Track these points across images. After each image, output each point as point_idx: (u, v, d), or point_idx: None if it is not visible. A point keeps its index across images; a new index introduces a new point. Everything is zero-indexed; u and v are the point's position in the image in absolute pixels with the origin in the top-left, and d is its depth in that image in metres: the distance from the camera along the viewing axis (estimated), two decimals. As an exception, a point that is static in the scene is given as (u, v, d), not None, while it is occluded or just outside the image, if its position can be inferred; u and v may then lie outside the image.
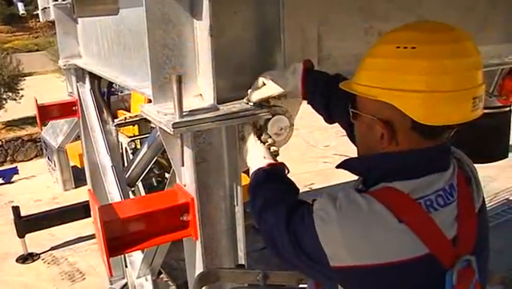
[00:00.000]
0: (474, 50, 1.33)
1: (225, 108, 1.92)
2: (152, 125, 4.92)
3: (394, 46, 1.31)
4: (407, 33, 1.34)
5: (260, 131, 1.97)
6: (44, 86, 16.16)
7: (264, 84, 1.93)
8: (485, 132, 3.96)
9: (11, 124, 12.58)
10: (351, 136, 1.68)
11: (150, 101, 2.03)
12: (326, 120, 1.91)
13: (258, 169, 1.78)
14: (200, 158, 2.02)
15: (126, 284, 4.71)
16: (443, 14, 2.32)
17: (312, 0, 2.17)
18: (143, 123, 7.16)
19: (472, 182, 1.49)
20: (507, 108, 4.24)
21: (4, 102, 12.83)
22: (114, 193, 3.96)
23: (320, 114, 1.91)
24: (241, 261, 2.22)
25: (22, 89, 13.00)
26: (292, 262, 1.49)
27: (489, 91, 3.98)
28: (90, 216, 2.54)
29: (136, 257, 3.66)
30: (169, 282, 5.77)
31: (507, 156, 4.68)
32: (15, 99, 12.84)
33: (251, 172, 1.82)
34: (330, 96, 1.81)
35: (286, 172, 1.82)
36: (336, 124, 1.88)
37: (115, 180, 4.03)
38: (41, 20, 4.76)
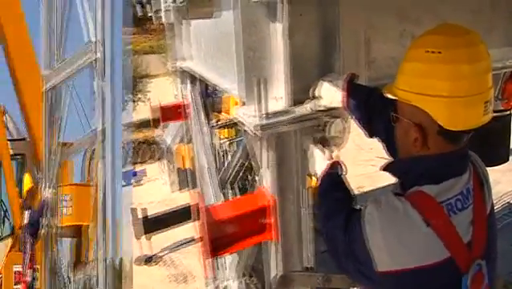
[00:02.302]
0: (486, 53, 1.35)
1: (299, 110, 1.94)
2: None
3: (423, 51, 1.35)
4: (434, 37, 1.37)
5: (321, 136, 1.97)
6: (161, 89, 16.87)
7: (321, 97, 1.95)
8: (487, 135, 3.71)
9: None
10: (389, 150, 1.70)
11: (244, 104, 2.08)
12: (367, 134, 1.89)
13: (322, 177, 1.83)
14: (279, 160, 2.04)
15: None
16: (453, 17, 2.20)
17: (360, 3, 2.13)
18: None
19: (484, 186, 1.50)
20: (508, 112, 4.11)
21: (136, 104, 13.28)
22: (216, 196, 4.04)
23: (363, 130, 1.90)
24: (310, 263, 2.21)
25: (149, 91, 13.42)
26: (344, 267, 1.53)
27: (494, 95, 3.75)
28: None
29: (226, 259, 3.70)
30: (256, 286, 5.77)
31: (508, 160, 4.54)
32: (144, 101, 13.28)
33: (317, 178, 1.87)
34: (370, 112, 1.81)
35: (344, 171, 1.85)
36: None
37: (217, 182, 4.10)
38: (154, 22, 4.94)
